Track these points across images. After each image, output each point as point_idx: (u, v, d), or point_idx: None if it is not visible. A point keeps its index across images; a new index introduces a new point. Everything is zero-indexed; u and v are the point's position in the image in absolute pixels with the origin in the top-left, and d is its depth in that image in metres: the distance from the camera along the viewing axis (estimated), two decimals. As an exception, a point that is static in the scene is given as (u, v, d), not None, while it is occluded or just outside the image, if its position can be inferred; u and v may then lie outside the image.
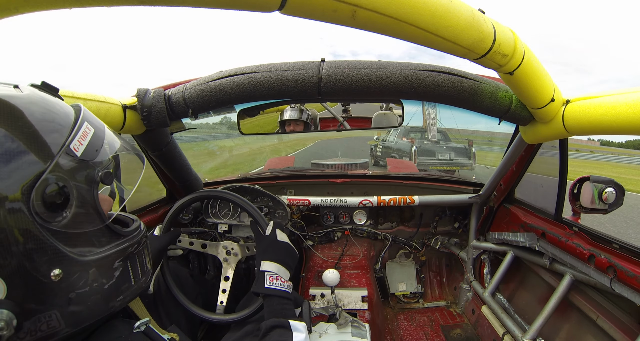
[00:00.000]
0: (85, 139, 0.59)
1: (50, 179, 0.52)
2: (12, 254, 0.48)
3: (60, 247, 0.53)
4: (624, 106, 0.76)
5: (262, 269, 1.04)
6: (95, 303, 0.59)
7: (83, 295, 0.57)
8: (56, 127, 0.56)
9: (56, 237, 0.53)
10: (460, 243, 2.06)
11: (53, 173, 0.52)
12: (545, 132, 1.05)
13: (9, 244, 0.48)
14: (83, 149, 0.57)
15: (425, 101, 1.05)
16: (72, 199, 0.55)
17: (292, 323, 0.89)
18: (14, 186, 0.48)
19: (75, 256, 0.55)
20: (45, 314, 0.52)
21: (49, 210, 0.52)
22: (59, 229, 0.53)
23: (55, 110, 0.58)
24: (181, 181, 1.55)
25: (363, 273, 1.83)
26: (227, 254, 1.34)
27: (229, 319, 1.17)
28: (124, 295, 0.65)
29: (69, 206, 0.54)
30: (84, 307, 0.57)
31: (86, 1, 0.45)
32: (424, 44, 0.67)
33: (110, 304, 0.62)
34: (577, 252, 1.16)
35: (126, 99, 1.06)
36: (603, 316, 1.12)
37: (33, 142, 0.52)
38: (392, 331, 1.85)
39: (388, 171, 2.89)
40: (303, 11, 0.54)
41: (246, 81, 0.97)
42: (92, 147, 0.59)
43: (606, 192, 1.08)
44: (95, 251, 0.59)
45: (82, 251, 0.57)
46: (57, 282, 0.53)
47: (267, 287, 0.99)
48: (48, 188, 0.51)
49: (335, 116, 1.63)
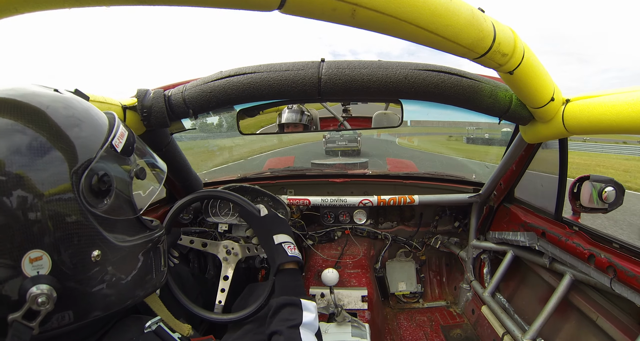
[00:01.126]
0: (122, 138, 0.67)
1: (96, 168, 0.58)
2: (59, 232, 0.53)
3: (100, 230, 0.59)
4: (624, 105, 0.76)
5: (278, 241, 1.06)
6: (124, 289, 0.65)
7: (115, 278, 0.62)
8: (100, 126, 0.64)
9: (98, 221, 0.58)
10: (460, 243, 2.06)
11: (98, 163, 0.59)
12: (545, 132, 1.05)
13: (58, 222, 0.53)
14: (122, 146, 0.66)
15: (425, 101, 1.05)
16: (113, 189, 0.61)
17: (303, 302, 0.89)
18: (66, 172, 0.54)
19: (112, 240, 0.61)
20: (82, 294, 0.57)
21: (94, 196, 0.58)
22: (101, 214, 0.59)
23: (95, 112, 0.66)
24: (181, 181, 1.55)
25: (363, 272, 1.83)
26: (227, 254, 1.34)
27: (229, 319, 1.17)
28: (147, 286, 0.72)
29: (110, 194, 0.61)
30: (114, 291, 0.62)
31: (86, 1, 0.45)
32: (423, 43, 0.67)
33: (135, 292, 0.68)
34: (577, 252, 1.16)
35: (126, 99, 1.06)
36: (603, 316, 1.11)
37: (83, 137, 0.59)
38: (392, 331, 1.85)
39: (388, 170, 2.89)
40: (302, 10, 0.54)
41: (246, 81, 0.97)
42: (127, 146, 0.67)
43: (606, 191, 1.08)
44: (128, 239, 0.66)
45: (117, 237, 0.63)
46: (95, 263, 0.58)
47: (292, 255, 1.03)
48: (94, 176, 0.58)
49: (335, 116, 1.63)
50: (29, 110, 0.55)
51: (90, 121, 0.62)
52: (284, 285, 0.98)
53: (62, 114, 0.58)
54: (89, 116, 0.63)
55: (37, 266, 0.51)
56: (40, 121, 0.55)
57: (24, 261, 0.50)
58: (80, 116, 0.61)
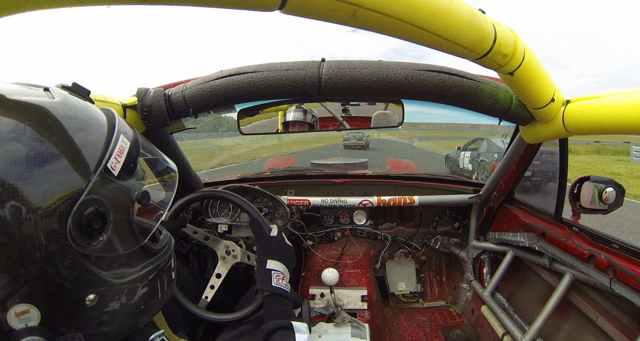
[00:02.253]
0: (122, 155, 0.54)
1: (87, 202, 0.48)
2: (46, 280, 0.46)
3: (95, 271, 0.50)
4: (624, 106, 0.77)
5: (269, 267, 1.04)
6: (125, 321, 0.58)
7: (114, 314, 0.55)
8: (92, 142, 0.51)
9: (91, 262, 0.50)
10: (460, 243, 2.06)
11: (90, 195, 0.48)
12: (546, 132, 1.05)
13: (44, 270, 0.45)
14: (120, 167, 0.53)
15: (425, 101, 1.05)
16: (109, 223, 0.52)
17: (294, 324, 0.89)
18: (51, 210, 0.45)
19: (110, 279, 0.53)
20: (79, 334, 0.51)
21: (85, 235, 0.49)
22: (95, 254, 0.50)
23: (90, 120, 0.53)
24: (181, 181, 1.55)
25: (363, 272, 1.83)
26: (227, 254, 1.34)
27: (228, 319, 1.17)
28: (151, 310, 0.65)
29: (105, 229, 0.51)
30: (114, 327, 0.56)
31: (87, 0, 0.45)
32: (424, 43, 0.67)
33: (139, 320, 0.62)
34: (576, 252, 1.16)
35: (126, 98, 1.06)
36: (603, 316, 1.12)
37: (68, 161, 0.47)
38: (391, 332, 1.85)
39: (388, 171, 2.89)
40: (303, 10, 0.54)
41: (246, 80, 0.97)
42: (128, 164, 0.55)
43: (606, 192, 1.08)
44: (129, 272, 0.57)
45: (116, 273, 0.54)
46: (92, 307, 0.51)
47: (275, 286, 0.99)
48: (85, 213, 0.48)
49: (335, 116, 1.62)
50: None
51: (81, 138, 0.50)
52: (274, 309, 0.96)
53: (46, 131, 0.46)
54: (80, 130, 0.50)
55: (25, 319, 0.45)
56: (11, 145, 0.43)
57: (9, 316, 0.44)
58: (70, 132, 0.48)
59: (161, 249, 0.67)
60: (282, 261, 1.07)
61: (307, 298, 1.68)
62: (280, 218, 1.73)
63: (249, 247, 1.54)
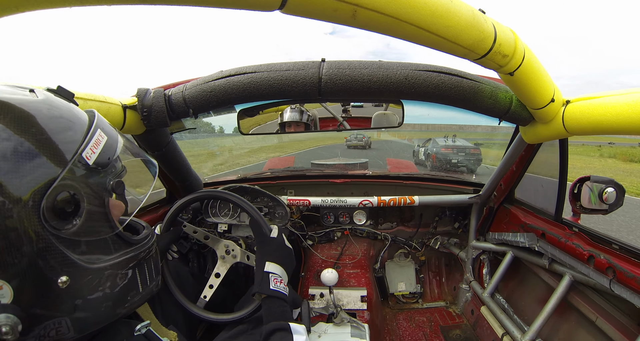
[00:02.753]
0: (97, 147, 0.58)
1: (61, 187, 0.51)
2: (19, 259, 0.48)
3: (68, 254, 0.53)
4: (624, 106, 0.77)
5: (267, 270, 1.03)
6: (102, 310, 0.60)
7: (90, 301, 0.57)
8: (69, 135, 0.55)
9: (64, 244, 0.53)
10: (460, 243, 2.06)
11: (64, 180, 0.52)
12: (546, 133, 1.05)
13: (17, 249, 0.48)
14: (95, 157, 0.57)
15: (425, 102, 1.05)
16: (83, 208, 0.55)
17: (292, 325, 0.90)
18: (25, 192, 0.48)
19: (83, 263, 0.55)
20: (54, 320, 0.52)
21: (59, 218, 0.52)
22: (68, 237, 0.53)
23: (69, 116, 0.57)
24: (181, 181, 1.55)
25: (362, 272, 1.83)
26: (227, 253, 1.34)
27: (226, 319, 1.17)
28: (131, 302, 0.66)
29: (79, 214, 0.54)
30: (90, 314, 0.57)
31: (87, 0, 0.45)
32: (424, 43, 0.67)
33: (117, 311, 0.63)
34: (576, 253, 1.16)
35: (126, 99, 1.06)
36: (602, 317, 1.12)
37: (45, 150, 0.51)
38: (391, 332, 1.85)
39: (388, 171, 2.89)
40: (303, 10, 0.54)
41: (246, 80, 0.97)
42: (104, 156, 0.59)
43: (606, 192, 1.08)
44: (104, 258, 0.59)
45: (91, 258, 0.57)
46: (64, 289, 0.53)
47: (273, 289, 0.99)
48: (59, 196, 0.51)
49: (335, 116, 1.62)
50: None
51: (59, 131, 0.54)
52: (272, 312, 0.97)
53: (25, 124, 0.50)
54: (59, 124, 0.55)
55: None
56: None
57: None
58: (48, 126, 0.53)
59: (140, 240, 0.69)
60: (281, 264, 1.07)
61: (306, 298, 1.68)
62: (280, 218, 1.73)
63: (249, 247, 1.54)
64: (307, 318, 1.18)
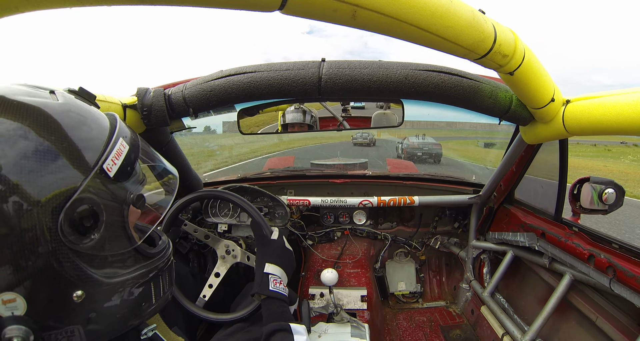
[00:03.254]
0: (119, 157, 0.56)
1: (80, 200, 0.49)
2: (34, 272, 0.47)
3: (85, 268, 0.51)
4: (624, 106, 0.77)
5: (266, 271, 1.04)
6: (115, 323, 0.59)
7: (103, 314, 0.56)
8: (90, 143, 0.53)
9: (81, 258, 0.51)
10: (460, 243, 2.06)
11: (84, 193, 0.50)
12: (546, 133, 1.05)
13: (32, 262, 0.46)
14: (117, 169, 0.55)
15: (425, 101, 1.05)
16: (102, 222, 0.53)
17: (292, 326, 0.89)
18: (44, 204, 0.46)
19: (99, 278, 0.54)
20: (67, 329, 0.52)
21: (76, 232, 0.50)
22: (85, 252, 0.51)
23: (90, 123, 0.55)
24: (181, 180, 1.55)
25: (362, 272, 1.83)
26: (227, 253, 1.34)
27: (227, 318, 1.17)
28: (144, 313, 0.65)
29: (97, 228, 0.53)
30: (103, 326, 0.56)
31: (87, 0, 0.45)
32: (424, 44, 0.67)
33: (129, 322, 0.62)
34: (576, 252, 1.16)
35: (126, 98, 1.06)
36: (602, 317, 1.12)
37: (65, 160, 0.49)
38: (391, 332, 1.85)
39: (388, 171, 2.89)
40: (303, 11, 0.54)
41: (246, 80, 0.97)
42: (125, 167, 0.57)
43: (606, 193, 1.08)
44: (121, 272, 0.58)
45: (107, 273, 0.55)
46: (79, 303, 0.51)
47: (272, 290, 0.99)
48: (78, 210, 0.49)
49: (335, 116, 1.62)
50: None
51: (80, 139, 0.51)
52: (272, 312, 0.96)
53: (46, 130, 0.48)
54: (80, 131, 0.52)
55: (11, 308, 0.46)
56: (12, 143, 0.45)
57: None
58: (69, 133, 0.50)
59: (157, 253, 0.67)
60: (281, 265, 1.07)
61: (306, 298, 1.68)
62: (280, 218, 1.73)
63: (249, 247, 1.54)
64: (307, 317, 1.18)
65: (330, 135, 10.73)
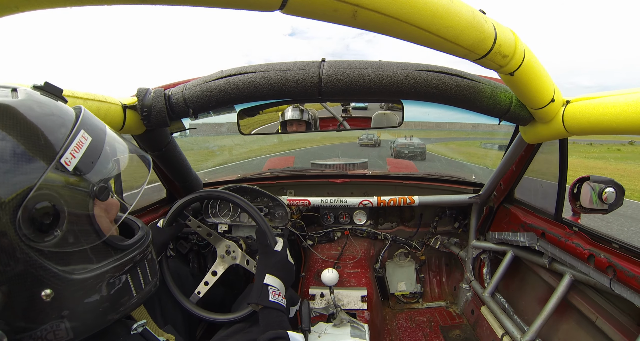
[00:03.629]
0: (79, 150, 0.54)
1: (37, 197, 0.48)
2: (0, 275, 0.46)
3: (50, 267, 0.50)
4: (624, 106, 0.77)
5: (266, 282, 1.03)
6: (92, 318, 0.58)
7: (77, 311, 0.55)
8: (50, 138, 0.51)
9: (45, 257, 0.49)
10: (460, 243, 2.06)
11: (41, 190, 0.48)
12: (545, 133, 1.06)
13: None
14: (76, 161, 0.53)
15: (425, 101, 1.05)
16: (63, 218, 0.51)
17: (290, 334, 0.89)
18: (6, 204, 0.45)
19: (67, 275, 0.52)
20: (52, 324, 0.51)
21: (37, 230, 0.48)
22: (48, 249, 0.50)
23: (50, 117, 0.53)
24: (181, 181, 1.55)
25: (363, 272, 1.83)
26: (227, 253, 1.34)
27: (227, 318, 1.17)
28: (124, 307, 0.64)
29: (59, 224, 0.51)
30: (78, 323, 0.55)
31: (87, 0, 0.45)
32: (424, 44, 0.67)
33: (108, 317, 0.61)
34: (576, 252, 1.16)
35: (126, 98, 1.06)
36: (602, 317, 1.12)
37: (23, 157, 0.47)
38: (391, 332, 1.85)
39: (388, 171, 2.89)
40: (303, 11, 0.54)
41: (246, 80, 0.97)
42: (87, 159, 0.55)
43: (606, 192, 1.08)
44: (91, 267, 0.56)
45: (75, 269, 0.53)
46: (49, 302, 0.50)
47: (272, 301, 0.99)
48: (36, 207, 0.47)
49: (335, 116, 1.62)
50: None
51: (37, 135, 0.50)
52: (270, 321, 0.96)
53: (1, 128, 0.46)
54: (37, 127, 0.50)
55: None
56: None
57: None
58: (26, 129, 0.49)
59: (131, 245, 0.65)
60: (280, 278, 1.07)
61: (306, 298, 1.68)
62: (280, 218, 1.73)
63: (249, 247, 1.54)
64: (307, 318, 1.18)
65: (337, 135, 10.96)
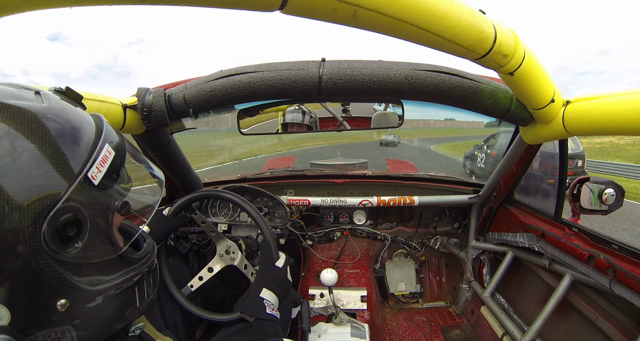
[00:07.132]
0: (104, 164, 0.54)
1: (64, 209, 0.48)
2: (18, 282, 0.46)
3: (68, 277, 0.51)
4: (624, 106, 0.77)
5: (262, 296, 1.04)
6: (99, 328, 0.59)
7: (87, 321, 0.55)
8: (76, 150, 0.51)
9: (65, 267, 0.50)
10: (460, 243, 2.06)
11: (67, 202, 0.49)
12: (545, 133, 1.06)
13: (15, 272, 0.46)
14: (101, 176, 0.54)
15: (425, 101, 1.05)
16: (85, 230, 0.52)
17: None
18: (25, 216, 0.45)
19: (83, 285, 0.53)
20: (56, 330, 0.51)
21: (60, 241, 0.49)
22: (68, 260, 0.50)
23: (76, 127, 0.53)
24: (181, 180, 1.55)
25: (362, 272, 1.83)
26: (226, 253, 1.34)
27: (227, 318, 1.17)
28: (128, 318, 0.65)
29: (81, 236, 0.52)
30: (86, 332, 0.56)
31: (87, 0, 0.45)
32: (424, 44, 0.67)
33: (113, 327, 0.62)
34: (576, 252, 1.16)
35: (126, 98, 1.06)
36: (602, 317, 1.12)
37: (50, 166, 0.48)
38: (391, 332, 1.85)
39: (388, 171, 2.89)
40: (303, 11, 0.54)
41: (246, 80, 0.97)
42: (110, 173, 0.56)
43: (606, 193, 1.09)
44: (105, 279, 0.57)
45: (91, 280, 0.55)
46: (63, 312, 0.51)
47: (269, 313, 1.00)
48: (61, 219, 0.48)
49: (335, 116, 1.62)
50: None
51: (65, 145, 0.50)
52: (264, 331, 0.96)
53: (30, 135, 0.46)
54: (65, 137, 0.51)
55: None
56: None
57: None
58: (54, 138, 0.49)
59: (141, 258, 0.67)
60: (277, 294, 1.07)
61: (306, 298, 1.68)
62: (280, 218, 1.73)
63: (249, 247, 1.54)
64: (307, 318, 1.18)
65: (356, 135, 11.04)
